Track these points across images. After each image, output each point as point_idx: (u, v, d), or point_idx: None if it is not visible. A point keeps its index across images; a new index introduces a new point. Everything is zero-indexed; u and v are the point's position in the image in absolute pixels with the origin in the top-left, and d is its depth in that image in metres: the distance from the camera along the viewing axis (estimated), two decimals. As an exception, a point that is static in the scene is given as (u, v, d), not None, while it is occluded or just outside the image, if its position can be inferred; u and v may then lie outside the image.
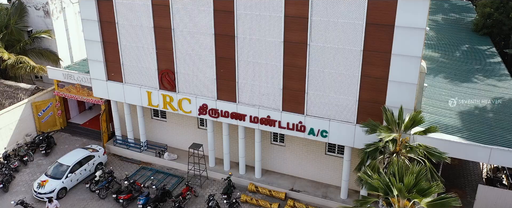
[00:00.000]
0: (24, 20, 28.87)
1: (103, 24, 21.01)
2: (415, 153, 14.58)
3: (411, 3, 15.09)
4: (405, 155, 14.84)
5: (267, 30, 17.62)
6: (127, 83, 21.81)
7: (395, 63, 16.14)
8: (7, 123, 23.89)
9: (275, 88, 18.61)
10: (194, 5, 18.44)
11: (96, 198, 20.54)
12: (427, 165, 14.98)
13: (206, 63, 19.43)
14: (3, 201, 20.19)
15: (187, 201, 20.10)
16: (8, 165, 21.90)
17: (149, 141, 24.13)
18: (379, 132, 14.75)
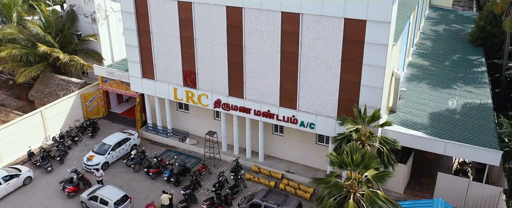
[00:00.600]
0: (75, 26, 34.94)
1: (140, 33, 26.48)
2: (372, 141, 19.09)
3: (376, 25, 19.62)
4: (367, 142, 19.35)
5: (268, 42, 22.51)
6: (158, 80, 27.23)
7: (365, 71, 20.68)
8: (62, 110, 29.85)
9: (274, 88, 23.47)
10: (211, 21, 23.55)
11: (131, 171, 26.07)
12: (384, 151, 19.48)
13: (221, 67, 24.52)
14: (60, 170, 26.06)
15: (202, 176, 25.29)
16: (63, 143, 27.83)
17: (174, 129, 29.52)
18: (346, 124, 19.39)
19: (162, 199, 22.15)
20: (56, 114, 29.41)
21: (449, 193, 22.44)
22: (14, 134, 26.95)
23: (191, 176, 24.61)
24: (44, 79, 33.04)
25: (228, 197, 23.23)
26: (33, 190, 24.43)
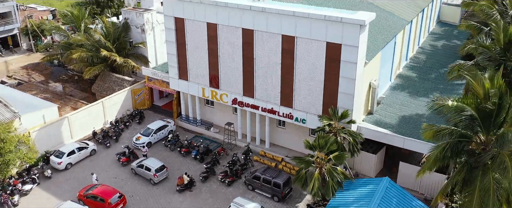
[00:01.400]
0: (128, 34, 44.10)
1: (178, 44, 34.91)
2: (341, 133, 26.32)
3: (348, 48, 26.85)
4: (338, 134, 26.62)
5: (272, 56, 30.21)
6: (190, 81, 35.62)
7: (341, 81, 27.92)
8: (117, 101, 38.95)
9: (276, 91, 31.16)
10: (231, 38, 31.51)
11: (167, 150, 34.64)
12: (351, 141, 26.67)
13: (237, 73, 32.47)
14: (115, 147, 35.06)
15: (221, 156, 33.41)
16: (117, 126, 36.90)
17: (202, 119, 37.86)
18: (322, 120, 26.80)
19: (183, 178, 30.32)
20: (113, 104, 38.54)
21: (408, 179, 29.29)
22: (82, 118, 36.24)
23: (212, 155, 32.82)
24: (104, 77, 42.47)
25: (238, 171, 31.23)
26: (97, 159, 33.54)
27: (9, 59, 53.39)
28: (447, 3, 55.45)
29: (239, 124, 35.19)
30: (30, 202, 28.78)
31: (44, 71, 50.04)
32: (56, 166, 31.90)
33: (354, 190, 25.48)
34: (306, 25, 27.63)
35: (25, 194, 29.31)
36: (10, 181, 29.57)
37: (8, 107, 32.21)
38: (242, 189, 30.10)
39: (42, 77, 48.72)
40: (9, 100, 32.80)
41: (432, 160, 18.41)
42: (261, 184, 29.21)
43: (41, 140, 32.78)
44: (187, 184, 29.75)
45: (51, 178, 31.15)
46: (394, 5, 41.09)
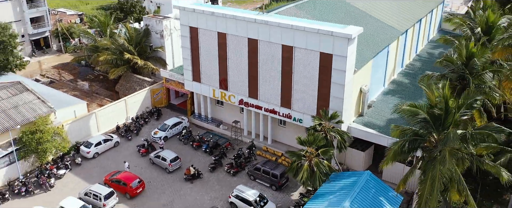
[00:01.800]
0: (148, 39, 49.06)
1: (192, 50, 39.56)
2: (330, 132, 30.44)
3: (338, 58, 30.99)
4: (328, 133, 30.76)
5: (273, 63, 34.55)
6: (202, 83, 40.26)
7: (333, 87, 32.08)
8: (137, 99, 43.91)
9: (277, 94, 35.51)
10: (238, 46, 35.96)
11: (181, 144, 39.36)
12: (339, 139, 30.78)
13: (243, 77, 36.91)
14: (136, 139, 39.99)
15: (228, 150, 37.94)
16: (138, 122, 41.86)
17: (212, 117, 42.50)
18: (314, 120, 31.02)
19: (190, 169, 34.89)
20: (134, 102, 43.53)
21: (392, 174, 33.22)
22: (108, 114, 41.30)
23: (220, 149, 37.40)
24: (126, 77, 47.58)
25: (242, 164, 35.72)
26: (120, 150, 38.54)
27: (42, 59, 59.20)
28: (448, 12, 58.73)
29: (245, 122, 39.69)
30: (64, 185, 33.89)
31: (72, 70, 55.58)
32: (85, 154, 37.03)
33: (339, 181, 29.63)
34: (302, 37, 31.90)
35: (59, 178, 34.44)
36: (47, 166, 34.78)
37: (45, 103, 37.43)
38: (245, 179, 34.56)
39: (71, 76, 54.23)
40: (44, 97, 38.04)
41: (392, 154, 22.47)
42: (261, 174, 33.64)
43: (73, 132, 37.95)
44: (193, 174, 34.37)
45: (80, 165, 36.27)
46: (391, 16, 44.95)
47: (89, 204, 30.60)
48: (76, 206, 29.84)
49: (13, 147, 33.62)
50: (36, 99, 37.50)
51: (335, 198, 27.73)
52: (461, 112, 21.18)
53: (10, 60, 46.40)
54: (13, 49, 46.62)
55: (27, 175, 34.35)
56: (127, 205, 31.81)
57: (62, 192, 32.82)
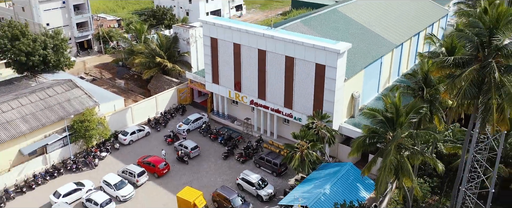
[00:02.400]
0: (177, 45, 57.14)
1: (212, 57, 47.18)
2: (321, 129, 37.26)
3: (330, 68, 37.82)
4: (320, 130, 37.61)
5: (278, 70, 41.69)
6: (220, 85, 47.87)
7: (325, 92, 38.95)
8: (166, 97, 52.00)
9: (281, 96, 42.66)
10: (250, 55, 43.29)
11: (201, 136, 47.14)
12: (328, 135, 37.59)
13: (254, 81, 44.23)
14: (163, 131, 48.10)
15: (239, 142, 45.41)
16: (165, 116, 49.99)
17: (228, 114, 50.04)
18: (308, 120, 37.98)
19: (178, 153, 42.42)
20: (163, 99, 51.65)
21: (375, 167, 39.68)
22: (141, 108, 49.55)
23: (233, 141, 44.89)
24: (157, 78, 55.84)
25: (250, 154, 43.09)
26: (150, 139, 46.69)
27: (85, 59, 68.52)
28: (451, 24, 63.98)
29: (255, 119, 47.06)
30: (105, 164, 42.28)
31: (111, 70, 64.51)
32: (122, 141, 45.37)
33: (326, 170, 36.55)
34: (301, 50, 38.94)
35: (102, 159, 42.86)
36: (92, 149, 43.31)
37: (91, 98, 45.99)
38: (251, 166, 41.92)
39: (110, 75, 63.15)
40: (92, 92, 46.61)
41: (355, 146, 29.21)
42: (264, 163, 40.94)
43: (112, 122, 46.37)
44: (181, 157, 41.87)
45: (118, 149, 44.63)
46: (389, 30, 51.17)
47: (125, 180, 38.74)
48: (115, 180, 38.04)
49: (66, 133, 42.30)
50: (83, 94, 46.12)
51: (319, 182, 34.69)
52: (410, 115, 27.71)
53: (61, 60, 55.48)
54: (64, 51, 55.69)
55: (77, 155, 42.98)
56: (155, 182, 39.81)
57: (104, 170, 41.21)
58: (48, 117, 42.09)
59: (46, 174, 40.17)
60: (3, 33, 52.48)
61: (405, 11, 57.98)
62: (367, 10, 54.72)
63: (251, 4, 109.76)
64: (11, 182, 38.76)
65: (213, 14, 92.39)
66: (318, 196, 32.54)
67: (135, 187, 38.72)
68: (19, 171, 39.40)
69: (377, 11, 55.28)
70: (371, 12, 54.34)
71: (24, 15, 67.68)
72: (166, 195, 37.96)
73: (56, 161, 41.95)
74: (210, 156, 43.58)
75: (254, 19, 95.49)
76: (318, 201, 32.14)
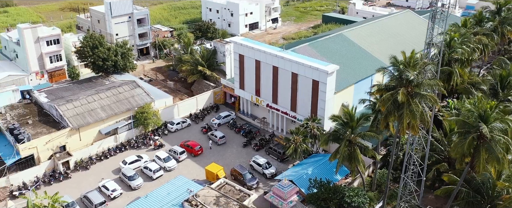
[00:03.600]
0: (215, 57, 73.20)
1: (240, 69, 62.61)
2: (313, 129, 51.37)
3: (322, 84, 51.94)
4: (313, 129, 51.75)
5: (286, 82, 56.34)
6: (245, 91, 63.25)
7: (319, 101, 53.14)
8: (204, 98, 68.16)
9: (288, 102, 57.30)
10: (267, 69, 58.20)
11: (228, 129, 62.78)
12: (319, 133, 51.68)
13: (269, 89, 59.14)
14: (201, 123, 64.30)
15: (256, 135, 60.56)
16: (203, 112, 66.23)
17: (251, 114, 65.33)
18: (304, 122, 52.30)
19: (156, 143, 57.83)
20: (202, 99, 67.83)
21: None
22: (185, 105, 65.96)
23: (252, 134, 60.11)
24: (198, 82, 72.20)
25: (263, 144, 58.12)
26: (190, 130, 63.00)
27: (143, 63, 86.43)
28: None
29: (270, 118, 61.99)
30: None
31: (164, 73, 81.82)
32: (170, 129, 61.96)
33: (314, 158, 50.74)
34: (302, 69, 53.34)
35: (155, 141, 59.59)
36: (148, 133, 60.19)
37: (148, 95, 62.90)
38: (263, 153, 56.81)
39: (162, 77, 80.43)
40: (149, 91, 63.56)
41: (322, 140, 43.23)
42: (272, 151, 55.78)
43: (163, 115, 63.02)
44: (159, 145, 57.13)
45: (167, 135, 61.25)
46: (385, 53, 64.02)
47: (171, 156, 55.04)
48: (164, 156, 54.39)
49: (131, 120, 59.38)
50: (143, 93, 63.13)
51: (306, 166, 49.06)
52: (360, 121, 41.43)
53: (127, 64, 73.15)
54: (129, 57, 73.36)
55: (137, 137, 59.97)
56: (191, 159, 55.84)
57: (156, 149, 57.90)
58: (119, 108, 59.36)
59: (116, 148, 57.45)
60: (87, 43, 70.78)
61: (406, 38, 70.28)
62: (370, 35, 67.89)
63: (287, 16, 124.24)
64: (93, 152, 56.28)
65: (251, 26, 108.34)
66: (302, 174, 46.99)
67: (177, 161, 54.93)
68: (98, 145, 56.87)
69: (379, 37, 68.22)
70: (373, 37, 67.40)
71: (99, 26, 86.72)
72: (198, 168, 53.86)
73: (123, 139, 59.12)
74: (233, 144, 59.11)
75: (287, 31, 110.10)
76: (301, 178, 46.59)
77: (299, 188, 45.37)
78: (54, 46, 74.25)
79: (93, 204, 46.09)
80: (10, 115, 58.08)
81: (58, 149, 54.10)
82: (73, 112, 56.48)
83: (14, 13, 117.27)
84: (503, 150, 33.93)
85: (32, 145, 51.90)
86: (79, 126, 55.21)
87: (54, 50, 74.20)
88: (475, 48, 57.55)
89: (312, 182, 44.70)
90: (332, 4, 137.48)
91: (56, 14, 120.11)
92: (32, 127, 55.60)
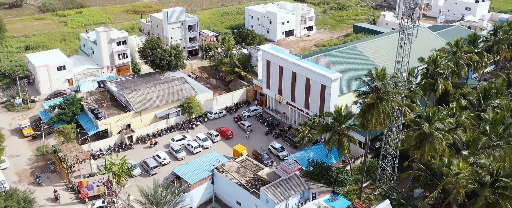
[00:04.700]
0: (250, 60, 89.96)
1: (267, 72, 78.78)
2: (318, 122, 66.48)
3: (328, 88, 67.04)
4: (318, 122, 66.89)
5: (302, 85, 71.84)
6: (271, 90, 79.42)
7: (325, 102, 68.28)
8: (238, 94, 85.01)
9: (303, 101, 72.83)
10: (287, 74, 73.95)
11: (255, 120, 79.28)
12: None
13: (289, 90, 74.89)
14: (234, 115, 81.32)
15: (276, 127, 76.61)
16: (236, 106, 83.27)
17: (275, 109, 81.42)
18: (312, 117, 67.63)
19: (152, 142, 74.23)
20: (237, 95, 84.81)
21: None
22: (222, 99, 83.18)
23: (273, 125, 76.27)
24: (235, 81, 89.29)
25: (281, 133, 74.14)
26: (225, 119, 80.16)
27: (192, 62, 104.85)
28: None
29: (289, 113, 77.83)
30: (199, 129, 76.58)
31: (208, 72, 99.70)
32: (209, 117, 79.48)
33: (317, 146, 66.05)
34: (313, 75, 68.70)
35: (197, 126, 77.25)
36: (192, 120, 78.05)
37: (193, 89, 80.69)
38: (280, 140, 72.74)
39: (206, 75, 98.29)
40: (194, 86, 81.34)
41: (318, 130, 58.30)
42: (287, 139, 71.67)
43: (205, 106, 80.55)
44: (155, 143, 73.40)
45: (207, 122, 78.81)
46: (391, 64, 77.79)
47: (208, 138, 72.38)
48: (203, 137, 71.85)
49: (179, 108, 77.43)
50: (190, 87, 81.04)
51: (309, 151, 64.54)
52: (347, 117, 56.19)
53: (178, 64, 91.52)
54: (180, 57, 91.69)
55: (183, 122, 77.95)
56: (223, 141, 72.86)
57: (197, 131, 75.53)
58: (170, 98, 77.55)
59: (167, 129, 75.70)
60: (147, 45, 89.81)
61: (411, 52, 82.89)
62: (380, 48, 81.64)
63: (323, 24, 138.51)
64: (150, 131, 74.79)
65: (287, 33, 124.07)
66: (304, 156, 62.53)
67: (212, 142, 72.16)
68: (154, 126, 75.33)
69: (387, 50, 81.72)
70: (383, 51, 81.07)
71: (157, 30, 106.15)
72: (228, 148, 70.70)
73: (173, 123, 77.30)
74: (257, 132, 75.49)
75: (320, 39, 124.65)
76: (303, 159, 62.11)
77: (301, 166, 60.90)
78: (122, 46, 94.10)
79: (149, 166, 64.26)
80: (90, 99, 78.04)
81: (125, 126, 73.06)
82: (136, 99, 75.33)
83: (87, 14, 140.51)
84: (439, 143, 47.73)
85: (107, 122, 71.14)
86: (141, 110, 73.90)
87: (122, 50, 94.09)
88: (463, 64, 70.03)
89: (310, 162, 60.09)
90: (367, 13, 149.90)
91: (121, 15, 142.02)
92: (106, 109, 75.05)
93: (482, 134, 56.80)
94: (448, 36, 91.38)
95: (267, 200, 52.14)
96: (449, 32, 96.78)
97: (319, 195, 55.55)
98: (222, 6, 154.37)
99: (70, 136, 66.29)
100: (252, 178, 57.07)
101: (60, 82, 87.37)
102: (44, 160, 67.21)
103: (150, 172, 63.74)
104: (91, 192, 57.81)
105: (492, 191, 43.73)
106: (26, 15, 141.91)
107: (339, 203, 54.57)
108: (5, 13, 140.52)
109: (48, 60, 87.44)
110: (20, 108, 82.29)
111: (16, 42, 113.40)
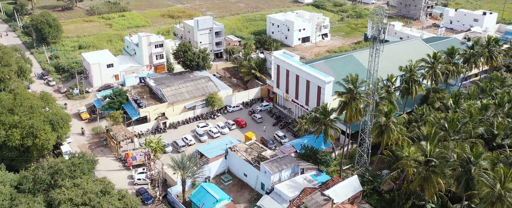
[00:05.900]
0: (264, 63, 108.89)
1: (277, 75, 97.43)
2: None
3: (323, 90, 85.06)
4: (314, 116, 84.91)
5: (303, 86, 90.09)
6: (280, 89, 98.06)
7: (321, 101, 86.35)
8: (254, 92, 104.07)
9: (304, 98, 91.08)
10: (292, 76, 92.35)
11: (266, 114, 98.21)
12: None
13: (293, 89, 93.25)
14: (249, 109, 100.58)
15: (283, 119, 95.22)
16: (252, 102, 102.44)
17: (283, 105, 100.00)
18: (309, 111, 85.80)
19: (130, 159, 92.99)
20: (252, 92, 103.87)
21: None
22: (240, 96, 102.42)
23: (280, 118, 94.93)
24: (251, 80, 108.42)
25: (285, 125, 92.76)
26: (241, 112, 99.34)
27: (217, 63, 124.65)
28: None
29: (294, 109, 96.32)
30: (219, 119, 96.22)
31: (230, 72, 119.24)
32: (229, 110, 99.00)
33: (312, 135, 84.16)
34: (312, 77, 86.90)
35: (218, 116, 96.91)
36: (214, 111, 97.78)
37: (216, 87, 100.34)
38: (284, 130, 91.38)
39: (229, 75, 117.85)
40: (217, 84, 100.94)
41: (308, 121, 76.25)
42: (290, 129, 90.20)
43: (225, 100, 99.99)
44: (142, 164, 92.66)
45: (226, 113, 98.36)
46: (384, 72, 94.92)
47: (226, 126, 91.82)
48: (222, 125, 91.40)
49: (204, 102, 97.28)
50: (213, 85, 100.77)
51: (305, 138, 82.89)
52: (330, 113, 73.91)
53: (206, 64, 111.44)
54: (207, 60, 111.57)
55: (207, 113, 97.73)
56: (238, 129, 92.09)
57: (218, 120, 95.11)
58: (197, 93, 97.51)
59: (194, 118, 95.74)
60: (180, 48, 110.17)
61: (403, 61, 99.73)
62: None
63: (338, 32, 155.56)
64: (180, 119, 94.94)
65: (303, 39, 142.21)
66: (300, 142, 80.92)
67: (229, 130, 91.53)
68: (183, 115, 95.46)
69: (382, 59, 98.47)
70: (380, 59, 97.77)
71: (189, 35, 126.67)
72: (241, 135, 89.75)
73: (198, 113, 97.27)
74: (266, 123, 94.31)
75: (333, 45, 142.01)
76: (298, 144, 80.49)
77: (296, 149, 79.35)
78: (159, 49, 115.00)
79: (178, 145, 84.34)
80: (133, 91, 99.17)
81: (160, 114, 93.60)
82: (170, 93, 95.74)
83: (129, 17, 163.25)
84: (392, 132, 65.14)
85: (146, 110, 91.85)
86: (173, 102, 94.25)
87: (159, 51, 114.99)
88: (439, 73, 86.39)
89: (302, 146, 78.45)
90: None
91: (158, 19, 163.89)
92: (146, 100, 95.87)
93: (441, 129, 73.43)
94: (441, 47, 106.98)
95: (265, 172, 70.91)
96: (443, 44, 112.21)
97: (307, 171, 73.86)
98: (248, 12, 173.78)
99: (119, 119, 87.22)
100: (256, 157, 76.01)
101: (109, 77, 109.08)
102: (98, 137, 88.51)
103: (179, 150, 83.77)
104: (135, 162, 78.30)
105: (426, 168, 60.78)
106: (77, 17, 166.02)
107: (321, 178, 72.68)
108: (58, 16, 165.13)
109: (99, 59, 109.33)
110: (77, 97, 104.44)
111: (70, 42, 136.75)
